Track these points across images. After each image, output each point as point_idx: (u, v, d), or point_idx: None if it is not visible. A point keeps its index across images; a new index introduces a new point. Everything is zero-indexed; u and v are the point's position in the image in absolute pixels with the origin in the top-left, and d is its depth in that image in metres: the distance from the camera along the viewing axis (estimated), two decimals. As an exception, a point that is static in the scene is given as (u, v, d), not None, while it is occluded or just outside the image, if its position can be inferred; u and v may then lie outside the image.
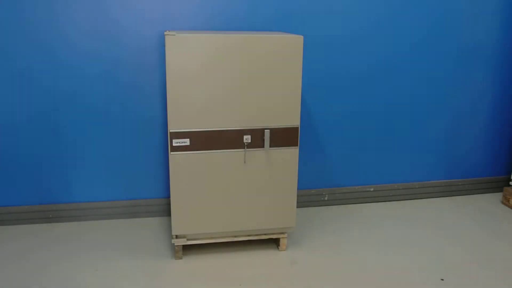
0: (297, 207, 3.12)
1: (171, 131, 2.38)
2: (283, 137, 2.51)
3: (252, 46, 2.36)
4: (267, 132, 2.47)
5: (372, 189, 3.41)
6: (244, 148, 2.48)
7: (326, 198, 3.35)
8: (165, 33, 2.28)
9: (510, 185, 3.49)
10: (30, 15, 2.67)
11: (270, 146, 2.50)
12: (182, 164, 2.43)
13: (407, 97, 3.28)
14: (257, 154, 2.50)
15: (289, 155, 2.55)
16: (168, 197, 3.09)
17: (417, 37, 3.18)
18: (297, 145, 2.55)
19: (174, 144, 2.40)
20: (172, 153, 2.41)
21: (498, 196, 3.60)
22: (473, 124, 3.50)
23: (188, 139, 2.41)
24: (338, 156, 3.30)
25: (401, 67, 3.21)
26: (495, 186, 3.67)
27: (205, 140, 2.43)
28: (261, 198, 2.58)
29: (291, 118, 2.50)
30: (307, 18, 2.97)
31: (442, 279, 2.46)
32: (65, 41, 2.75)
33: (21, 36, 2.69)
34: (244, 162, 2.50)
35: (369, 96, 3.21)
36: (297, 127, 2.52)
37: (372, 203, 3.42)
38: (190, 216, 2.53)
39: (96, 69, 2.83)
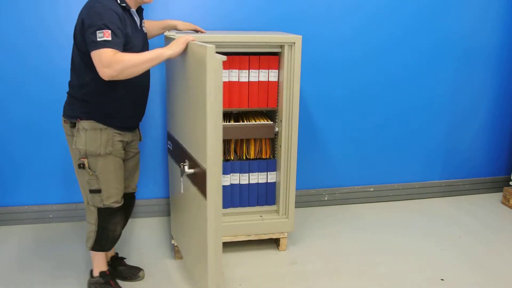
0: (297, 207, 3.12)
1: (170, 131, 2.38)
2: (283, 137, 2.50)
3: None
4: (267, 132, 2.47)
5: (372, 189, 3.41)
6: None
7: (326, 198, 3.35)
8: (165, 34, 2.28)
9: (510, 185, 3.49)
10: (28, 18, 2.67)
11: (270, 146, 2.50)
12: (182, 164, 2.43)
13: (407, 97, 3.28)
14: (257, 154, 2.51)
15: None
16: (168, 197, 3.09)
17: (417, 37, 3.18)
18: (296, 145, 2.55)
19: (174, 144, 2.40)
20: (172, 153, 2.41)
21: (498, 196, 3.60)
22: (473, 124, 3.50)
23: (188, 139, 2.41)
24: (338, 156, 3.30)
25: (401, 67, 3.21)
26: (495, 186, 3.67)
27: (205, 140, 2.42)
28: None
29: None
30: (308, 18, 2.97)
31: (442, 279, 2.46)
32: (63, 41, 2.75)
33: (19, 34, 2.70)
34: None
35: (369, 95, 3.21)
36: (297, 127, 2.52)
37: (372, 203, 3.42)
38: (190, 216, 2.52)
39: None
